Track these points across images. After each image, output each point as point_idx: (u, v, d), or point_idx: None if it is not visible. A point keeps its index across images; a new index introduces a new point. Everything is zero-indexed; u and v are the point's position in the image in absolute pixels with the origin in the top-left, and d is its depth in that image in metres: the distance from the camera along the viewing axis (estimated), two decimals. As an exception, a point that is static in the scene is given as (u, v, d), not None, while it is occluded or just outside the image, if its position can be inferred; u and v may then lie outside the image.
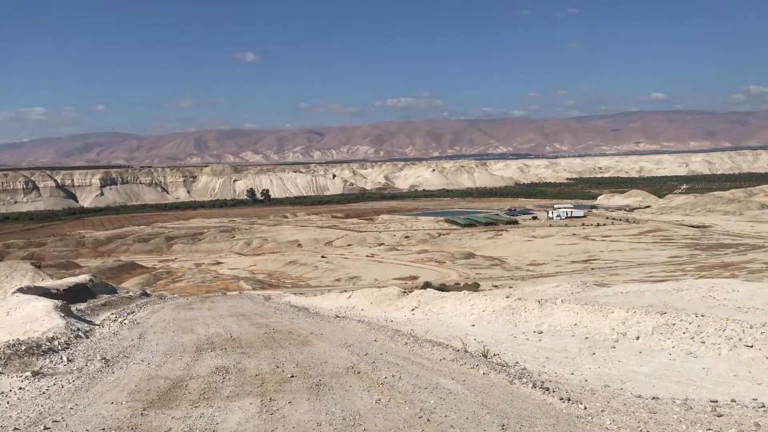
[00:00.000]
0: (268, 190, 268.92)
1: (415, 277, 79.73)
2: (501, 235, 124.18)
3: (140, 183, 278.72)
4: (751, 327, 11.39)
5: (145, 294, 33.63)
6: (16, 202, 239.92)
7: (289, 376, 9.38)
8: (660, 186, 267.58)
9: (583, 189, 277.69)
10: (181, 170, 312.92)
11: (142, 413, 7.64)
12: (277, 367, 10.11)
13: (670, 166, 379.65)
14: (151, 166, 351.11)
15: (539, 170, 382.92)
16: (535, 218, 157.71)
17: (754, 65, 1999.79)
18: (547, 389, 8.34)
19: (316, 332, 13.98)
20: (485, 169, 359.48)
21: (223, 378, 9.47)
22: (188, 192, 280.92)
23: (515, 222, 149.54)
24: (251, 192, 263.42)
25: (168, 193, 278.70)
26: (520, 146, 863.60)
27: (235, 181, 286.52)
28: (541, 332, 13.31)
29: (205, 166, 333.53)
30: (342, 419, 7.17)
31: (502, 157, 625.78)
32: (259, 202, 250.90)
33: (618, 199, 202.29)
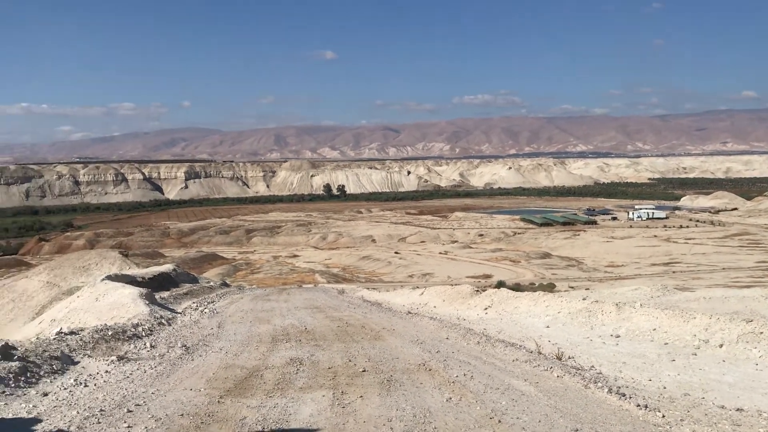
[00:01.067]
0: (343, 186, 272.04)
1: (488, 276, 78.94)
2: (579, 235, 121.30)
3: (222, 177, 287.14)
4: None
5: (224, 284, 34.63)
6: (106, 193, 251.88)
7: (361, 370, 9.45)
8: (748, 188, 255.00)
9: (665, 190, 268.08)
10: (261, 165, 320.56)
11: (218, 401, 7.86)
12: (350, 360, 10.20)
13: (759, 167, 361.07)
14: (232, 161, 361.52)
15: (620, 169, 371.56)
16: (614, 219, 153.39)
17: None
18: (624, 395, 8.08)
19: (388, 327, 14.03)
20: (563, 167, 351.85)
21: (297, 369, 9.64)
22: (267, 186, 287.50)
23: (594, 222, 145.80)
24: (327, 187, 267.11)
25: (248, 187, 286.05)
26: (600, 145, 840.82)
27: (312, 176, 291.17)
28: (618, 336, 12.91)
29: (284, 162, 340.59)
30: (412, 416, 7.16)
31: (582, 155, 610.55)
32: (335, 197, 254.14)
33: (702, 201, 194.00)
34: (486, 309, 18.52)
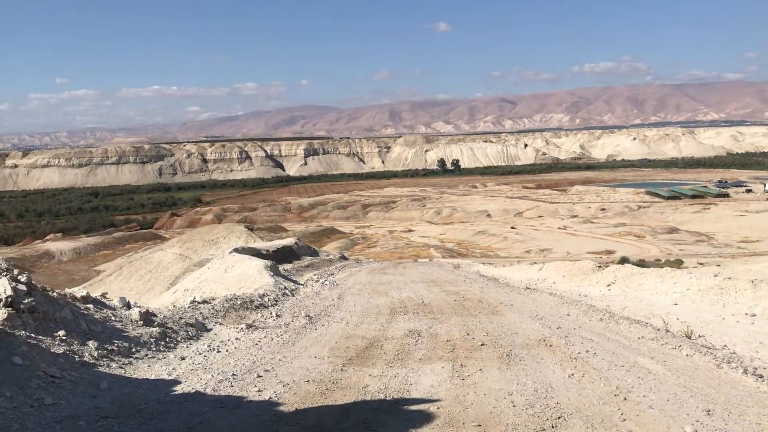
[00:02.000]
0: (458, 160, 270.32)
1: (611, 252, 76.17)
2: (709, 209, 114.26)
3: (339, 153, 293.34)
4: None
5: (343, 257, 35.58)
6: (231, 170, 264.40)
7: (479, 344, 9.46)
8: None
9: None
10: (376, 141, 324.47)
11: (342, 369, 8.16)
12: (468, 334, 10.24)
13: None
14: (348, 137, 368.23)
15: (756, 138, 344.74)
16: (749, 191, 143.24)
17: None
18: (761, 376, 7.63)
19: (506, 302, 13.94)
20: (693, 137, 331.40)
21: (416, 341, 9.80)
22: (382, 162, 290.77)
23: (726, 195, 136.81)
24: (442, 162, 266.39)
25: (364, 162, 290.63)
26: (734, 112, 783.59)
27: (426, 151, 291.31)
28: (754, 315, 12.13)
29: (399, 137, 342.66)
30: (533, 390, 7.11)
31: (713, 124, 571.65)
32: (449, 172, 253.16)
33: None
34: (609, 285, 17.94)
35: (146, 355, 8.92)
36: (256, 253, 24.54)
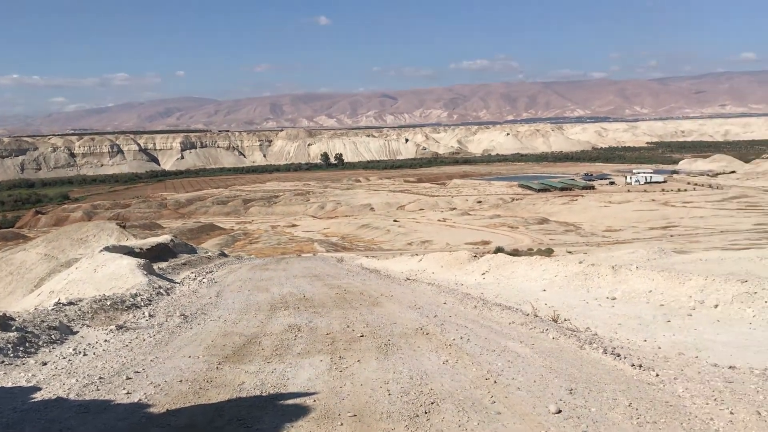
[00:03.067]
0: (341, 155, 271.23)
1: (487, 242, 79.22)
2: (576, 200, 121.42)
3: (218, 147, 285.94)
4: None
5: (223, 254, 34.74)
6: (102, 165, 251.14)
7: (359, 335, 9.55)
8: (747, 151, 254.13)
9: (663, 153, 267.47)
10: (257, 134, 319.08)
11: (217, 367, 7.96)
12: (348, 326, 10.30)
13: (758, 129, 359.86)
14: (228, 131, 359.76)
15: (618, 134, 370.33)
16: (612, 183, 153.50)
17: None
18: (618, 355, 8.18)
19: (386, 294, 14.14)
20: (561, 132, 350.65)
21: (295, 336, 9.74)
22: (264, 156, 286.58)
23: (591, 187, 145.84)
24: (325, 156, 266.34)
25: (245, 156, 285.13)
26: (598, 109, 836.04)
27: (309, 145, 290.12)
28: (614, 298, 13.01)
29: (281, 131, 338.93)
30: (409, 378, 7.25)
31: (579, 120, 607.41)
32: (332, 166, 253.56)
33: (701, 164, 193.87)
34: (484, 274, 18.63)
35: (2, 362, 8.29)
36: (129, 251, 23.45)
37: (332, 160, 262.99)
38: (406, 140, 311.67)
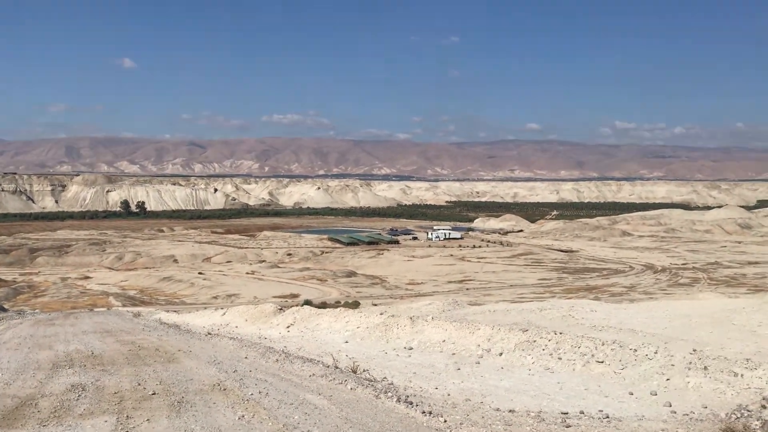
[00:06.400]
0: (143, 203, 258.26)
1: (296, 295, 79.10)
2: (382, 254, 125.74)
3: (3, 190, 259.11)
4: (603, 344, 12.19)
5: (1, 309, 31.30)
6: None
7: (150, 393, 9.05)
8: (532, 211, 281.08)
9: (461, 212, 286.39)
10: (48, 178, 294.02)
11: (-19, 435, 7.12)
12: (139, 384, 9.73)
13: (542, 192, 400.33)
14: (15, 173, 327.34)
15: (421, 192, 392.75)
16: (415, 239, 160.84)
17: (619, 103, 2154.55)
18: (411, 403, 8.54)
19: (184, 349, 13.59)
20: (369, 189, 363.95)
21: (78, 396, 9.00)
22: (56, 202, 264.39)
23: (396, 242, 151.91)
24: (125, 204, 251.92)
25: (34, 202, 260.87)
26: (403, 168, 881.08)
27: (108, 191, 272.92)
28: (411, 348, 13.60)
29: (76, 175, 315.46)
30: (202, 436, 7.00)
31: (386, 178, 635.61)
32: (133, 214, 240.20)
33: (493, 223, 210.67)
34: (288, 327, 18.59)
35: None
36: None
37: (133, 208, 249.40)
38: (215, 190, 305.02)
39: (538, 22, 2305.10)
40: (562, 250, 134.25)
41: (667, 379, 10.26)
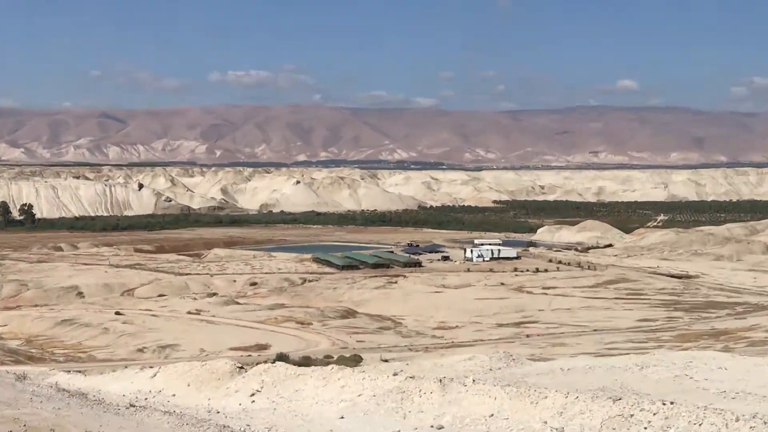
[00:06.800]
0: (31, 206, 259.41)
1: (264, 347, 79.07)
2: (396, 283, 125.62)
3: None
4: (737, 419, 12.10)
5: None
6: None
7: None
8: (627, 216, 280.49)
9: (517, 217, 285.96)
10: None
11: None
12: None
13: (642, 187, 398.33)
14: None
15: (454, 187, 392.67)
16: (446, 259, 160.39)
17: (759, 49, 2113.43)
18: None
19: (93, 430, 13.62)
20: (375, 183, 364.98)
21: None
22: None
23: (417, 264, 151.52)
24: (4, 208, 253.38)
25: None
26: (427, 151, 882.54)
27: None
28: (441, 428, 13.58)
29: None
30: None
31: (401, 166, 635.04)
32: (16, 223, 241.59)
33: (567, 234, 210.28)
34: (253, 395, 18.60)
35: None
36: None
37: (16, 214, 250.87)
38: (140, 186, 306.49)
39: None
40: (673, 276, 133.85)
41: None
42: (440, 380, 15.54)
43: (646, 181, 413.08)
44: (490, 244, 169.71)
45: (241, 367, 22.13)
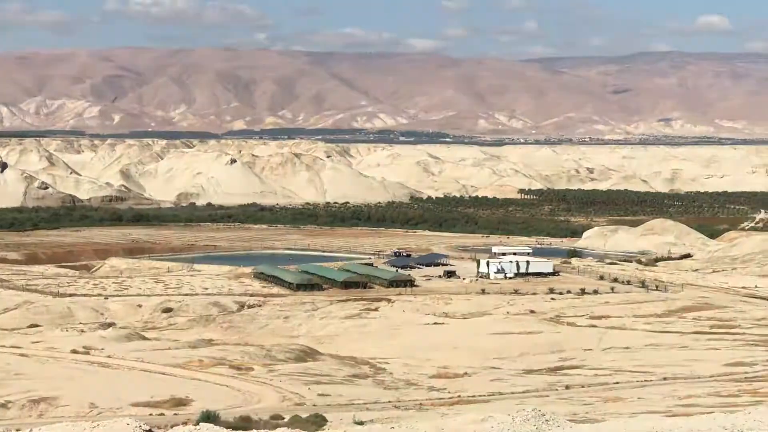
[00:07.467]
0: None
1: (183, 402, 79.19)
2: (377, 310, 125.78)
3: None
4: None
5: None
6: None
7: None
8: (713, 212, 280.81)
9: (554, 214, 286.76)
10: None
11: None
12: None
13: (734, 170, 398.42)
14: None
15: (463, 170, 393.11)
16: (451, 275, 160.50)
17: None
18: None
19: None
20: (347, 162, 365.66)
21: None
22: None
23: (408, 282, 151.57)
24: None
25: None
26: (423, 116, 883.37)
27: None
28: None
29: None
30: None
31: (385, 138, 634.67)
32: None
33: (625, 239, 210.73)
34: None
35: None
36: None
37: None
38: (3, 167, 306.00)
39: None
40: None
41: None
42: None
43: (740, 162, 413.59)
44: (514, 254, 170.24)
45: (150, 430, 22.30)
